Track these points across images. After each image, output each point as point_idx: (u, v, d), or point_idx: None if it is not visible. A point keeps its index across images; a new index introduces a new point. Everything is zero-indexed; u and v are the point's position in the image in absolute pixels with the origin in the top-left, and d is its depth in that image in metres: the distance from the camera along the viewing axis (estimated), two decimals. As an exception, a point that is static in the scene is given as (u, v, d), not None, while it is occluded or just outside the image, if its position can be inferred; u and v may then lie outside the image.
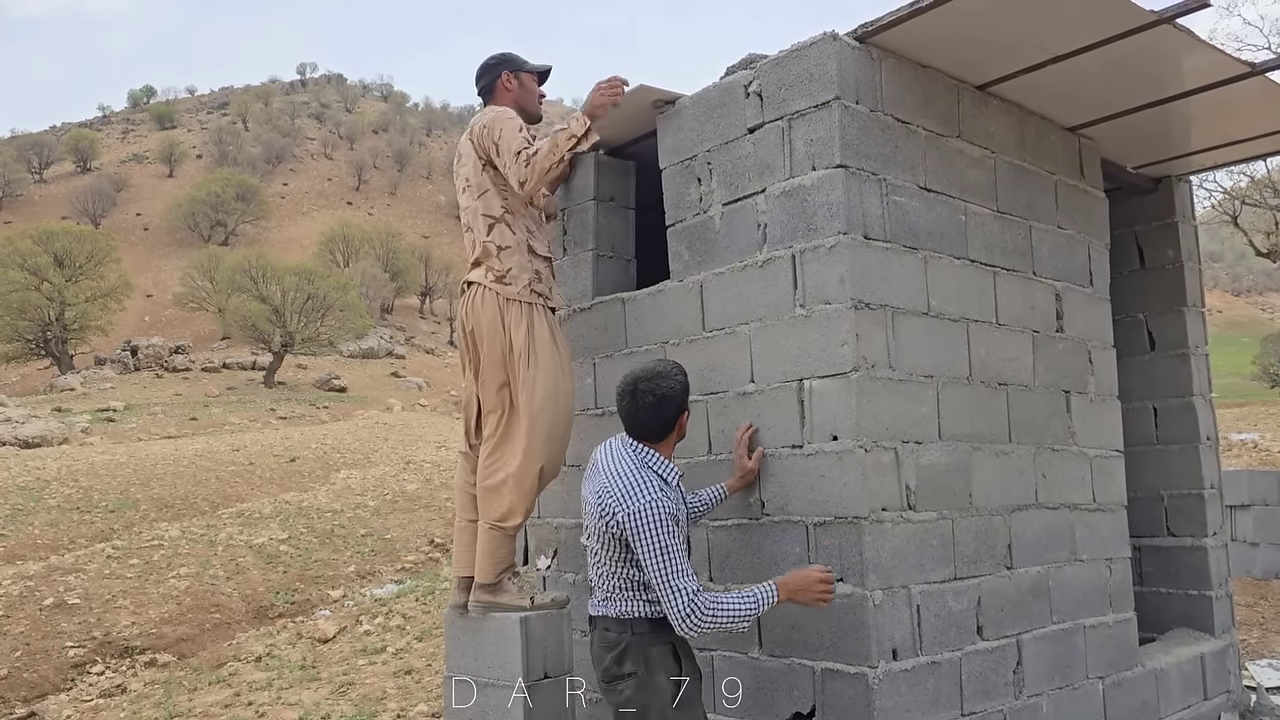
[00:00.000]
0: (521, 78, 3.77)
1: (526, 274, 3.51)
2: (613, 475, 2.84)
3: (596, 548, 2.88)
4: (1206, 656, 4.43)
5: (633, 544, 2.74)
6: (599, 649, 2.89)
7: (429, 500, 13.55)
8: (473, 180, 3.57)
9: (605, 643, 2.87)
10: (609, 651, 2.84)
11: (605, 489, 2.83)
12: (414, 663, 6.85)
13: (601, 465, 2.92)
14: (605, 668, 2.86)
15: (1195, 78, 3.75)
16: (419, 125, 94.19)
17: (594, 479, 2.92)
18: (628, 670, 2.80)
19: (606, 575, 2.88)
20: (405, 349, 46.31)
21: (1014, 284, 3.74)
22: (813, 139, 3.24)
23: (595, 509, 2.85)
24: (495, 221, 3.53)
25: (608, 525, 2.79)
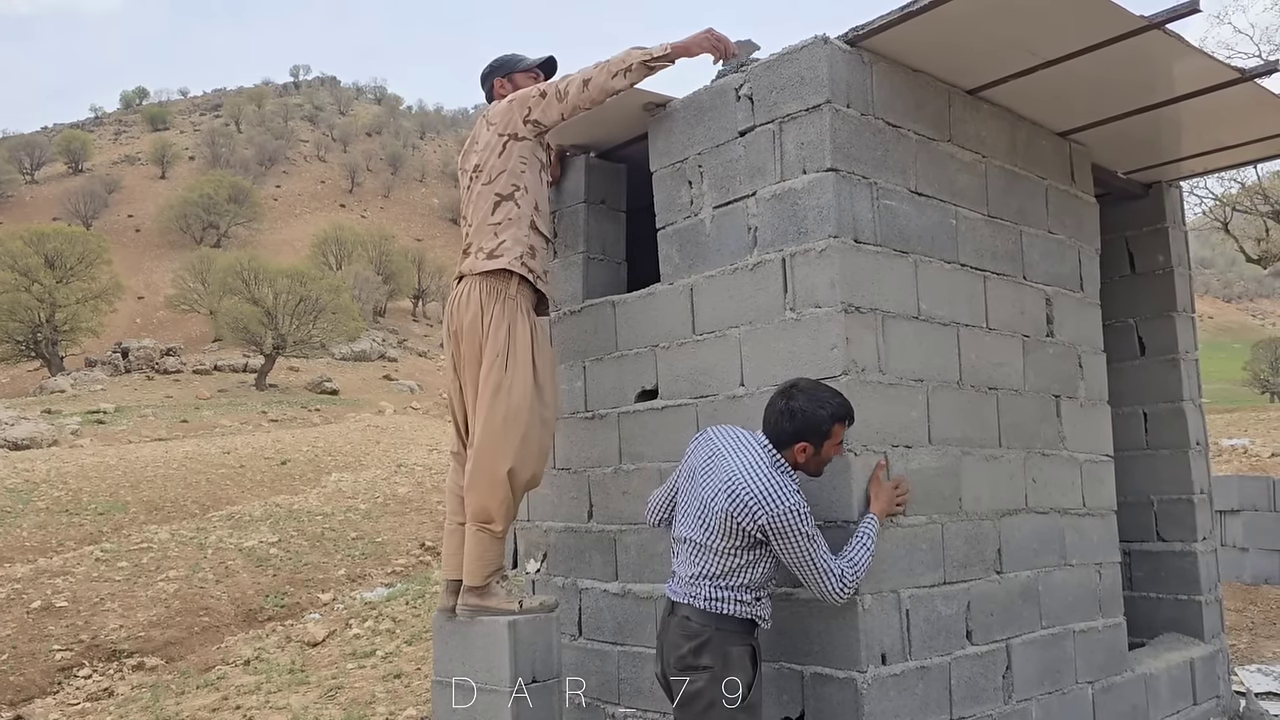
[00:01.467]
0: (515, 78, 3.82)
1: (521, 246, 3.51)
2: (748, 473, 2.85)
3: (706, 538, 2.90)
4: (1196, 661, 4.43)
5: (775, 544, 2.82)
6: (677, 635, 2.92)
7: (420, 503, 13.51)
8: (485, 164, 3.58)
9: (686, 631, 2.90)
10: (689, 640, 2.89)
11: (741, 487, 2.84)
12: (404, 666, 6.82)
13: (729, 458, 2.92)
14: (681, 655, 2.89)
15: (1185, 83, 3.76)
16: (412, 128, 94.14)
17: (715, 472, 2.92)
18: (704, 663, 2.85)
19: (708, 564, 2.90)
20: (398, 352, 46.25)
21: (1004, 288, 3.74)
22: (803, 142, 3.24)
23: (724, 503, 2.85)
24: (503, 199, 3.54)
25: (738, 523, 2.82)
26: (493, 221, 3.53)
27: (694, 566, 2.93)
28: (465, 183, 3.73)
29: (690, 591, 2.93)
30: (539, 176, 3.65)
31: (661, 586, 3.59)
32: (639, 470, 3.75)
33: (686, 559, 2.97)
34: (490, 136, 3.61)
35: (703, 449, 3.04)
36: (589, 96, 3.48)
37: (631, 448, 3.79)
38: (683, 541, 3.00)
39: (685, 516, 3.01)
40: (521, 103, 3.58)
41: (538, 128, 3.59)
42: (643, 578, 3.71)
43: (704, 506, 2.93)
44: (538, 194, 3.62)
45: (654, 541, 3.67)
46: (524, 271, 3.50)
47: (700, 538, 2.92)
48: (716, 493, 2.89)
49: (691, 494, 3.00)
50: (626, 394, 3.83)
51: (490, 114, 3.67)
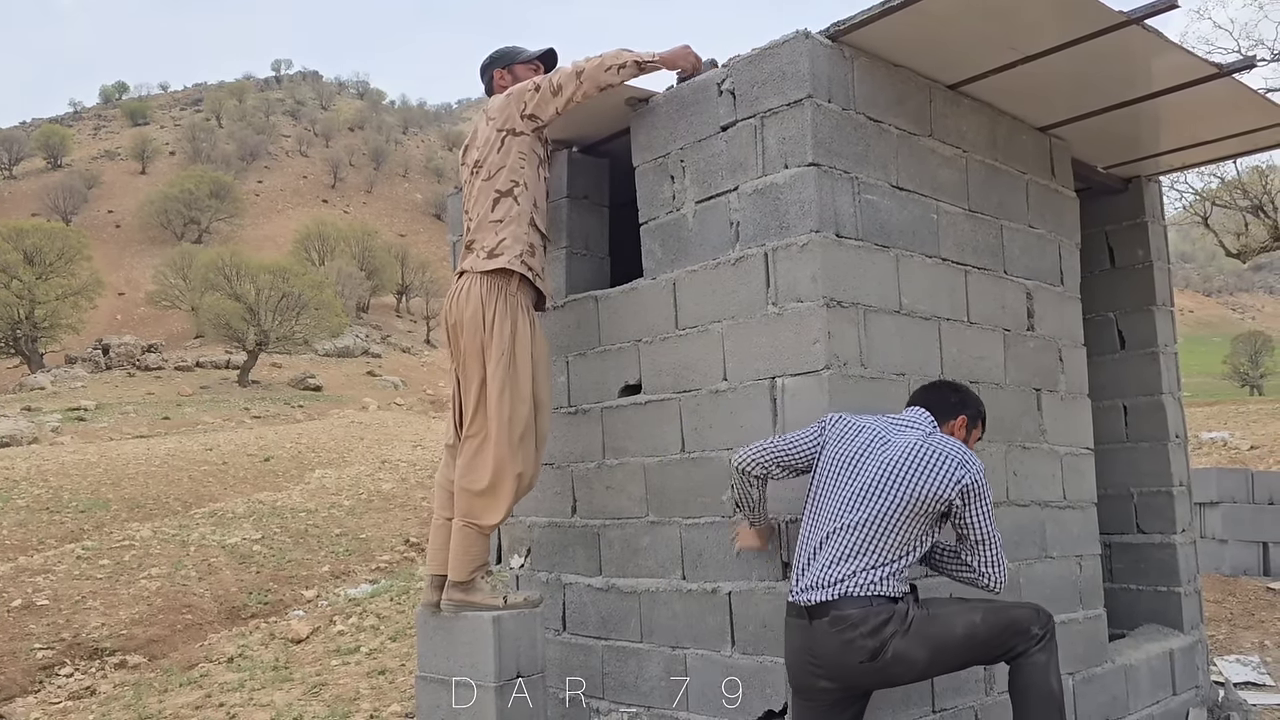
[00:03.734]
0: (515, 70, 3.84)
1: (520, 245, 3.51)
2: (940, 440, 2.88)
3: (880, 519, 2.78)
4: (1175, 652, 4.47)
5: (967, 511, 2.81)
6: (847, 636, 2.74)
7: (404, 500, 13.49)
8: (485, 160, 3.59)
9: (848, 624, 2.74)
10: (855, 629, 2.74)
11: (939, 451, 2.82)
12: (388, 663, 6.81)
13: (905, 433, 2.89)
14: (862, 649, 2.74)
15: (1164, 79, 3.78)
16: (395, 123, 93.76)
17: (890, 449, 2.85)
18: (890, 631, 2.74)
19: (873, 552, 2.78)
20: (381, 348, 46.09)
21: (985, 283, 3.76)
22: (785, 137, 3.24)
23: (918, 471, 2.79)
24: (502, 196, 3.54)
25: (934, 490, 2.77)
26: (494, 219, 3.53)
27: (851, 561, 2.78)
28: (465, 178, 3.74)
29: (841, 588, 2.77)
30: (538, 172, 3.65)
31: (645, 581, 3.61)
32: (622, 465, 3.76)
33: (838, 554, 2.80)
34: (489, 132, 3.62)
35: (859, 436, 2.91)
36: (583, 90, 3.51)
37: (615, 442, 3.79)
38: (834, 534, 2.82)
39: (841, 507, 2.84)
40: (518, 97, 3.59)
41: (535, 122, 3.60)
42: (626, 572, 3.71)
43: (877, 487, 2.80)
44: (537, 190, 3.63)
45: (637, 536, 3.68)
46: (523, 270, 3.50)
47: (868, 520, 2.78)
48: (901, 466, 2.80)
49: (851, 483, 2.84)
50: (610, 389, 3.83)
51: (489, 108, 3.68)
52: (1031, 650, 2.85)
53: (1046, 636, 2.89)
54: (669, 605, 3.54)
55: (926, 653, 2.78)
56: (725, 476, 3.37)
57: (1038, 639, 2.87)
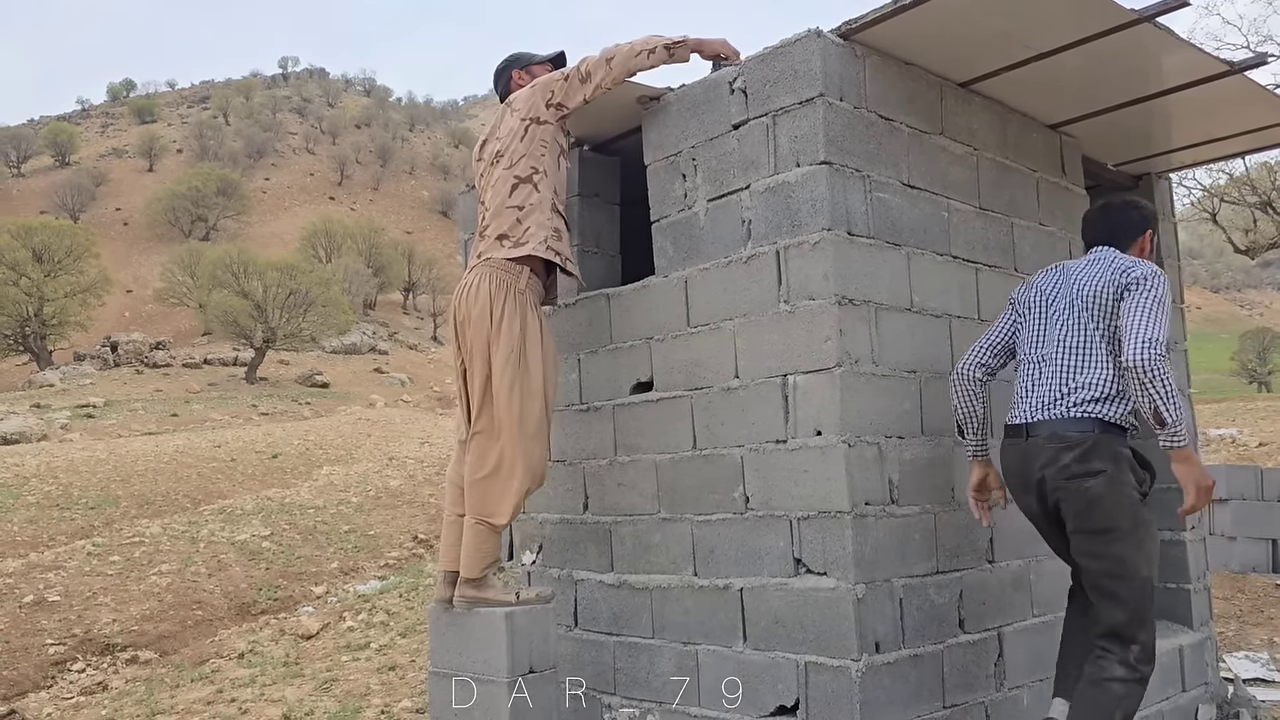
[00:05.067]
0: (533, 70, 3.89)
1: (545, 231, 3.54)
2: (1115, 260, 3.16)
3: (1075, 339, 3.10)
4: (1185, 649, 4.47)
5: (1130, 298, 3.00)
6: (1054, 449, 3.00)
7: (412, 496, 13.53)
8: (507, 149, 3.62)
9: (1064, 443, 2.99)
10: (1070, 450, 2.97)
11: (1107, 264, 3.15)
12: (398, 659, 6.84)
13: (1082, 263, 3.25)
14: (1064, 465, 2.97)
15: (1175, 76, 3.78)
16: (402, 120, 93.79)
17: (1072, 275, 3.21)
18: (1096, 468, 2.93)
19: (1072, 375, 3.07)
20: (388, 345, 46.15)
21: (996, 280, 3.77)
22: (797, 135, 3.25)
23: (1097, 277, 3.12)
24: (521, 182, 3.57)
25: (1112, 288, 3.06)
26: (511, 204, 3.56)
27: (1059, 384, 3.07)
28: (481, 170, 3.77)
29: (1056, 409, 3.04)
30: (558, 161, 3.68)
31: (657, 577, 3.63)
32: (634, 462, 3.77)
33: (1046, 379, 3.11)
34: (513, 122, 3.65)
35: (1044, 282, 3.30)
36: (613, 75, 3.55)
37: (626, 439, 3.81)
38: (1039, 361, 3.16)
39: (1039, 338, 3.19)
40: (545, 86, 3.63)
41: (560, 110, 3.63)
42: (638, 569, 3.73)
43: (1069, 308, 3.15)
44: (557, 179, 3.66)
45: (649, 532, 3.70)
46: (550, 256, 3.53)
47: (1068, 342, 3.11)
48: (1085, 282, 3.14)
49: (1046, 316, 3.21)
50: (621, 386, 3.85)
51: (515, 101, 3.71)
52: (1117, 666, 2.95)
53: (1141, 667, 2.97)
54: (680, 601, 3.56)
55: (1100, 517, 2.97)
56: (737, 473, 3.39)
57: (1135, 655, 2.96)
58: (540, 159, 3.59)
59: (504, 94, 3.91)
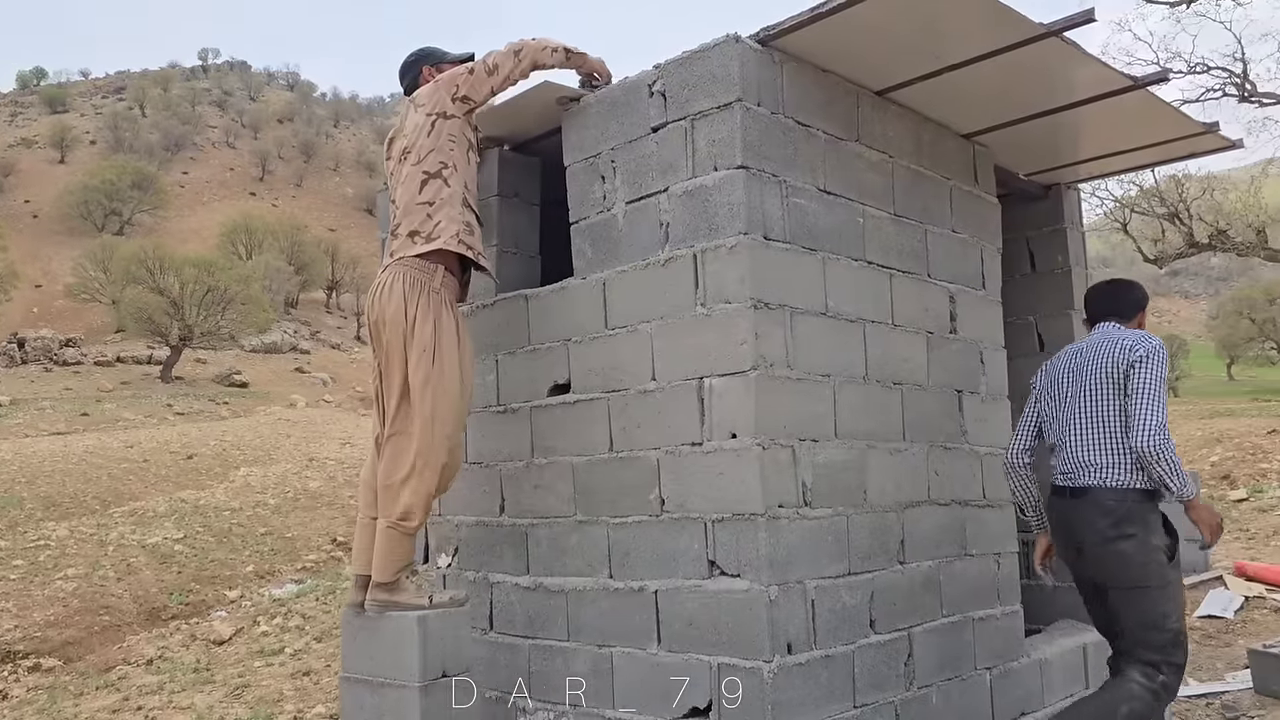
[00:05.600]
0: (442, 67, 3.83)
1: (456, 225, 3.50)
2: (1113, 339, 3.53)
3: (1096, 412, 3.46)
4: (1089, 646, 4.60)
5: (1134, 376, 3.38)
6: (1093, 515, 3.39)
7: (332, 498, 13.29)
8: (414, 145, 3.58)
9: (1101, 510, 3.38)
10: (1106, 517, 3.36)
11: (1120, 338, 3.51)
12: (313, 664, 6.72)
13: (1094, 345, 3.58)
14: (1100, 530, 3.36)
15: (1083, 89, 3.89)
16: (326, 116, 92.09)
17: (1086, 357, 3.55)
18: (1129, 532, 3.33)
19: (1102, 448, 3.42)
20: (310, 344, 45.29)
21: (909, 286, 3.83)
22: (715, 139, 3.27)
23: (1110, 357, 3.46)
24: (431, 177, 3.53)
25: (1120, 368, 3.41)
26: (422, 200, 3.52)
27: (1090, 455, 3.44)
28: (391, 169, 3.73)
29: (1094, 478, 3.41)
30: (468, 156, 3.65)
31: (573, 580, 3.63)
32: (551, 464, 3.75)
33: (1078, 451, 3.48)
34: (419, 118, 3.60)
35: (1058, 367, 3.68)
36: (520, 69, 3.57)
37: (544, 442, 3.79)
38: (1065, 439, 3.54)
39: (1065, 417, 3.57)
40: (449, 81, 3.61)
41: (467, 104, 3.61)
42: (554, 571, 3.71)
43: (1078, 387, 3.54)
44: (468, 174, 3.63)
45: (565, 535, 3.68)
46: (462, 250, 3.50)
47: (1088, 418, 3.48)
48: (1099, 361, 3.49)
49: (1065, 396, 3.59)
50: (539, 388, 3.83)
51: (419, 97, 3.67)
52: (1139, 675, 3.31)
53: (1160, 690, 3.31)
54: (596, 604, 3.55)
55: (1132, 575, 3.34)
56: (653, 475, 3.39)
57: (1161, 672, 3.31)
58: (449, 154, 3.55)
59: (410, 89, 3.86)
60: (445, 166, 3.54)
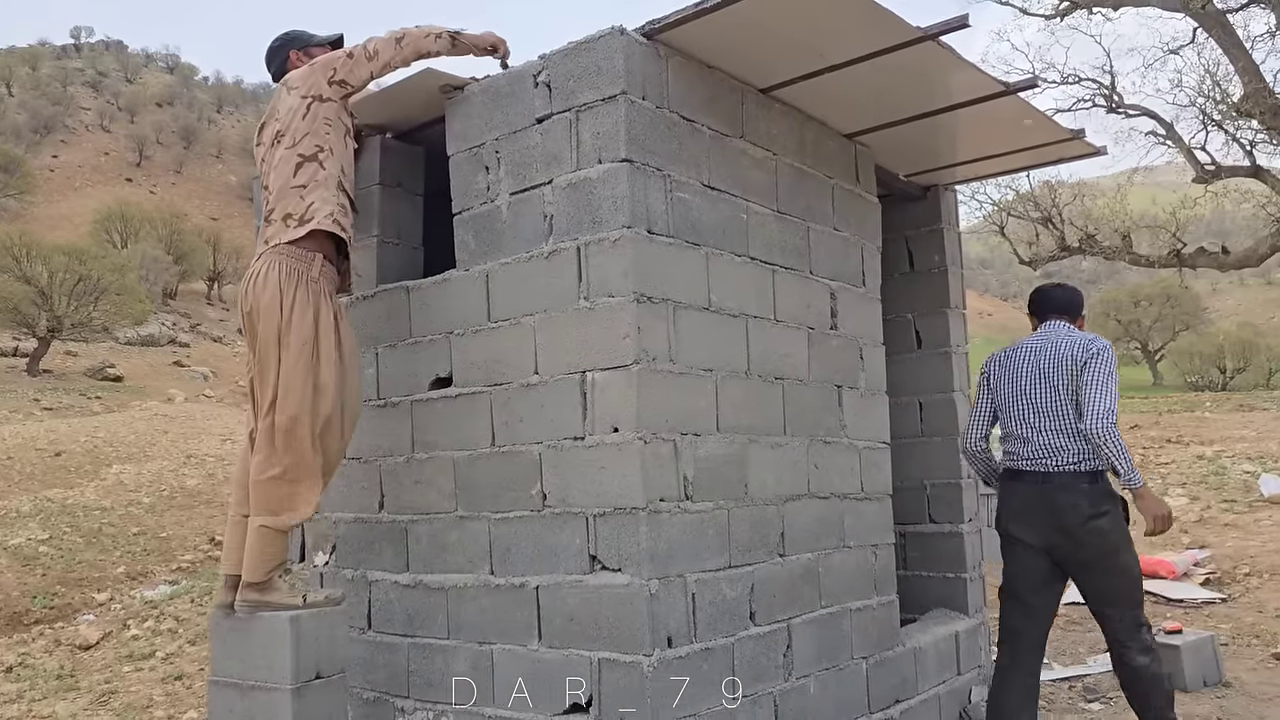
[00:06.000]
0: (311, 51, 3.74)
1: (331, 206, 3.42)
2: (1069, 338, 3.86)
3: (1056, 405, 3.77)
4: (960, 634, 4.75)
5: (1086, 370, 3.72)
6: (1073, 498, 3.72)
7: (211, 496, 12.83)
8: (288, 128, 3.48)
9: (1079, 492, 3.72)
10: (1084, 499, 3.72)
11: (1077, 337, 3.85)
12: (185, 668, 6.48)
13: (1049, 342, 3.89)
14: (1082, 511, 3.71)
15: (959, 93, 4.00)
16: (209, 100, 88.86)
17: (1044, 354, 3.86)
18: (1104, 509, 3.71)
19: (1073, 435, 3.73)
20: (190, 337, 43.65)
21: (792, 282, 3.89)
22: (599, 132, 3.25)
23: (1069, 354, 3.79)
24: (306, 160, 3.44)
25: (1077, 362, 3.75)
26: (296, 184, 3.42)
27: (1064, 441, 3.74)
28: (262, 155, 3.61)
29: (1068, 463, 3.73)
30: (344, 141, 3.57)
31: (453, 576, 3.58)
32: (432, 459, 3.69)
33: (1052, 439, 3.77)
34: (293, 101, 3.50)
35: (1017, 360, 3.94)
36: (402, 55, 3.50)
37: (425, 436, 3.72)
38: (1031, 428, 3.83)
39: (1028, 410, 3.85)
40: (326, 65, 3.52)
41: (344, 88, 3.53)
42: (434, 568, 3.65)
43: (1051, 381, 3.81)
44: (344, 159, 3.55)
45: (446, 531, 3.62)
46: (336, 229, 3.41)
47: (1051, 409, 3.78)
48: (1059, 358, 3.81)
49: (1030, 388, 3.86)
50: (420, 381, 3.75)
51: (291, 79, 3.57)
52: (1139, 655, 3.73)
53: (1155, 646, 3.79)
54: (476, 601, 3.50)
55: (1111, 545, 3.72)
56: (535, 470, 3.36)
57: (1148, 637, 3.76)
58: (325, 137, 3.47)
59: (278, 74, 3.75)
60: (321, 150, 3.45)
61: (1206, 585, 7.34)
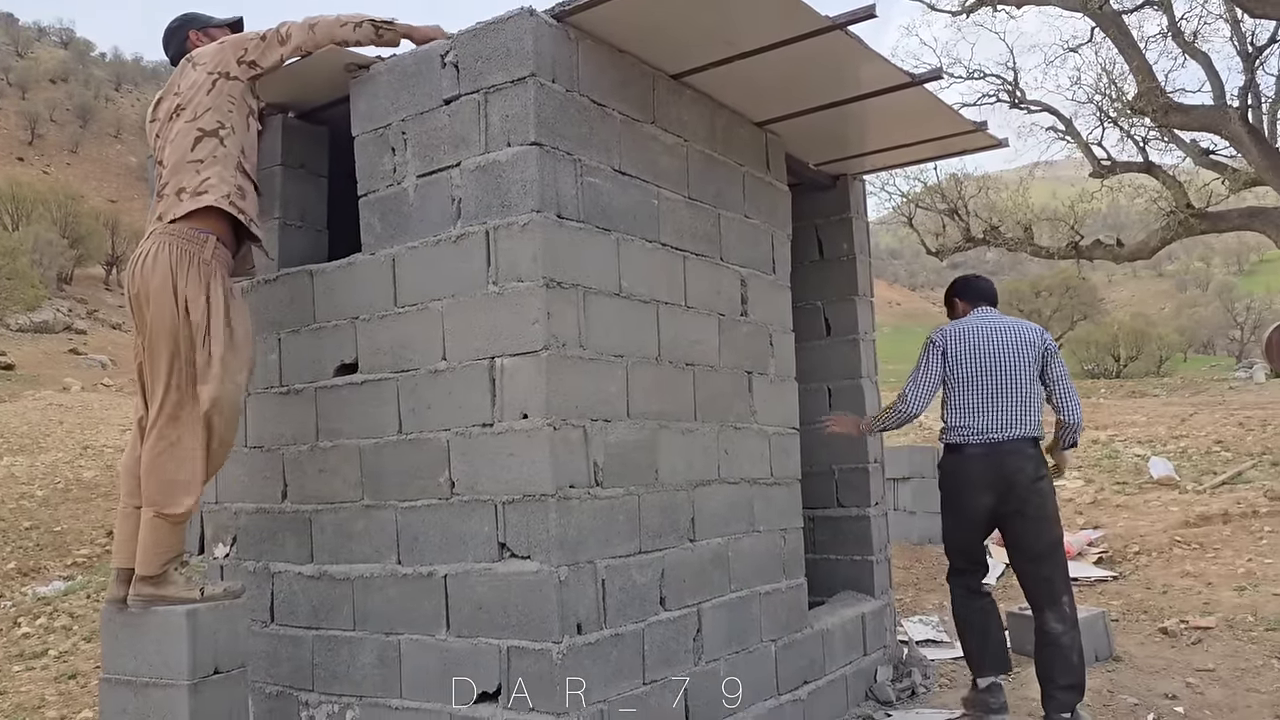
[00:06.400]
0: (211, 32, 3.67)
1: (228, 186, 3.32)
2: (1021, 323, 4.38)
3: (1016, 380, 4.19)
4: (867, 615, 4.85)
5: (1053, 364, 4.25)
6: (1022, 461, 4.16)
7: (109, 488, 12.38)
8: (189, 101, 3.38)
9: (1028, 457, 4.17)
10: (1031, 462, 4.18)
11: (1029, 329, 4.33)
12: (80, 666, 6.25)
13: (1002, 324, 4.34)
14: (1028, 472, 4.16)
15: (867, 84, 4.06)
16: (106, 78, 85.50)
17: (1003, 335, 4.27)
18: (1043, 473, 4.21)
19: (1027, 407, 4.19)
20: (87, 323, 42.07)
21: (703, 269, 3.90)
22: (508, 114, 3.21)
23: (1035, 339, 4.28)
24: (206, 135, 3.34)
25: (1043, 348, 4.26)
26: (194, 158, 3.32)
27: (1020, 414, 4.16)
28: (157, 130, 3.51)
29: (1015, 431, 4.15)
30: (248, 123, 3.48)
31: (359, 567, 3.52)
32: (337, 447, 3.60)
33: (1010, 411, 4.16)
34: (198, 75, 3.40)
35: (969, 341, 4.27)
36: (314, 40, 3.43)
37: (329, 424, 3.63)
38: (995, 397, 4.18)
39: (992, 384, 4.20)
40: (237, 44, 3.44)
41: (253, 70, 3.45)
42: (339, 558, 3.57)
43: (1007, 359, 4.21)
44: (245, 139, 3.45)
45: (351, 521, 3.55)
46: (233, 211, 3.31)
47: (1009, 383, 4.18)
48: (1023, 340, 4.26)
49: (986, 364, 4.21)
50: (324, 368, 3.66)
51: (198, 55, 3.48)
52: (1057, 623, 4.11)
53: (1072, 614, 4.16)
54: (383, 591, 3.44)
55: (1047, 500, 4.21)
56: (443, 458, 3.31)
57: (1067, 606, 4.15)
58: (228, 115, 3.38)
59: (176, 55, 3.67)
60: (222, 127, 3.36)
61: (1100, 564, 7.62)
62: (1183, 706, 4.49)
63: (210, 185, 3.28)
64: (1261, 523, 8.01)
